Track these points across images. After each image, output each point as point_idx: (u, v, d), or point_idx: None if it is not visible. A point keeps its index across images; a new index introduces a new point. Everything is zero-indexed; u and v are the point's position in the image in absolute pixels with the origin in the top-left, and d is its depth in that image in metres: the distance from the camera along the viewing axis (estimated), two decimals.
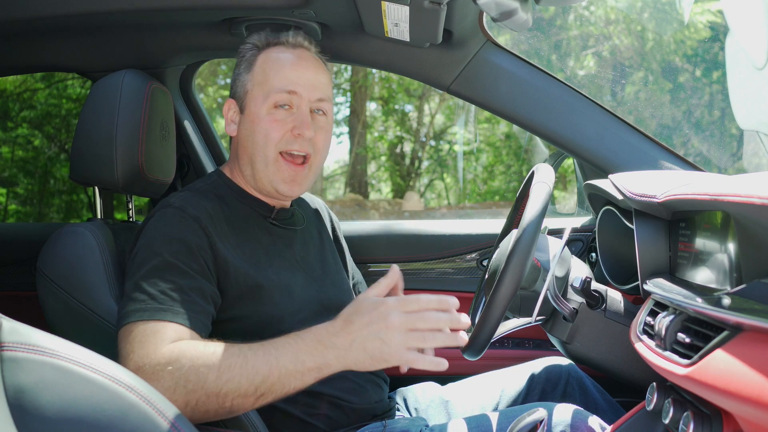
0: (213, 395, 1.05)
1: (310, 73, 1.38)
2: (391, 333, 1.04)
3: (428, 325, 1.04)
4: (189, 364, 1.06)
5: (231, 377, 1.06)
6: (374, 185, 10.55)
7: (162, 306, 1.14)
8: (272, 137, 1.35)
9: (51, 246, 1.36)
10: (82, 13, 1.47)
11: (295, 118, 1.35)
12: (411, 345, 1.04)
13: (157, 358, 1.08)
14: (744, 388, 0.75)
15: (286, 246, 1.41)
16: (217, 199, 1.35)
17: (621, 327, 1.29)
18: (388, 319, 1.04)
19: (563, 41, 6.63)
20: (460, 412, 1.50)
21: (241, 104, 1.40)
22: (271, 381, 1.06)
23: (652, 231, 1.22)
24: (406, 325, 1.04)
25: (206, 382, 1.05)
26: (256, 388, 1.06)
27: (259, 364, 1.07)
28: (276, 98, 1.35)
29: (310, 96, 1.37)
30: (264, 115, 1.35)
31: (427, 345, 1.05)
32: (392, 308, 1.05)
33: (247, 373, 1.06)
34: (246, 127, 1.38)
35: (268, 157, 1.35)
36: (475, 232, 1.97)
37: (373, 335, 1.04)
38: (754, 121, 2.07)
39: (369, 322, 1.05)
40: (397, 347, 1.04)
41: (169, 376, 1.06)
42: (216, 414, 1.08)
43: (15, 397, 0.80)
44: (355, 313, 1.07)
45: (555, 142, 1.72)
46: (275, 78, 1.35)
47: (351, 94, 9.94)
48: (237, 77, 1.42)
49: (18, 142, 7.18)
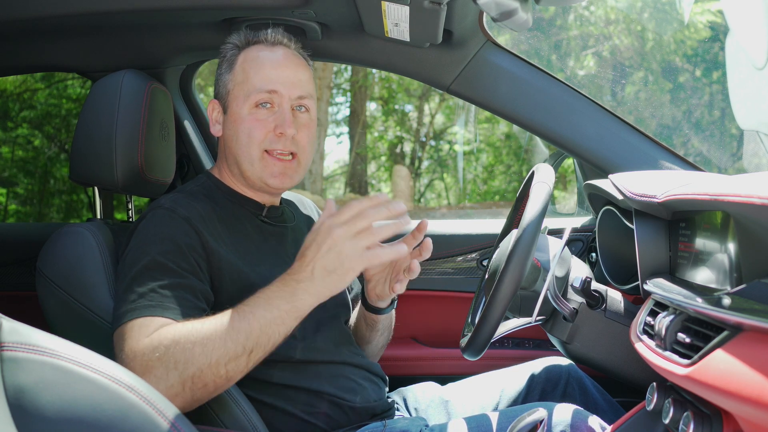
0: (206, 368, 1.06)
1: (290, 71, 1.38)
2: (341, 242, 1.08)
3: (370, 221, 1.09)
4: (173, 345, 1.07)
5: (216, 345, 1.07)
6: (374, 185, 10.54)
7: (151, 303, 1.14)
8: (255, 136, 1.35)
9: (51, 246, 1.36)
10: (82, 13, 1.47)
11: (276, 117, 1.35)
12: (363, 244, 1.08)
13: (142, 347, 1.08)
14: (744, 388, 0.75)
15: (278, 243, 1.41)
16: (207, 199, 1.35)
17: (621, 327, 1.29)
18: (332, 233, 1.08)
19: (563, 41, 6.63)
20: (460, 412, 1.50)
21: (224, 104, 1.40)
22: (255, 335, 1.08)
23: (652, 231, 1.22)
24: (351, 231, 1.08)
25: (194, 356, 1.06)
26: (243, 346, 1.08)
27: (237, 323, 1.08)
28: (257, 98, 1.35)
29: (291, 94, 1.37)
30: (246, 115, 1.35)
31: (378, 238, 1.09)
32: (331, 222, 1.09)
33: (230, 334, 1.07)
34: (230, 127, 1.39)
35: (253, 156, 1.36)
36: (475, 232, 1.97)
37: (326, 253, 1.08)
38: (754, 121, 2.07)
39: (318, 245, 1.09)
40: (353, 252, 1.07)
41: (159, 362, 1.06)
42: (216, 386, 1.09)
43: (15, 397, 0.80)
44: (305, 247, 1.12)
45: (555, 142, 1.72)
46: (255, 77, 1.36)
47: (351, 94, 9.93)
48: (219, 77, 1.42)
49: (18, 142, 7.18)
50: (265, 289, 1.12)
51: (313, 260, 1.09)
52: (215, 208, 1.34)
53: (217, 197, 1.39)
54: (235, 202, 1.40)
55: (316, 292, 1.10)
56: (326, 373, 1.31)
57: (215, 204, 1.35)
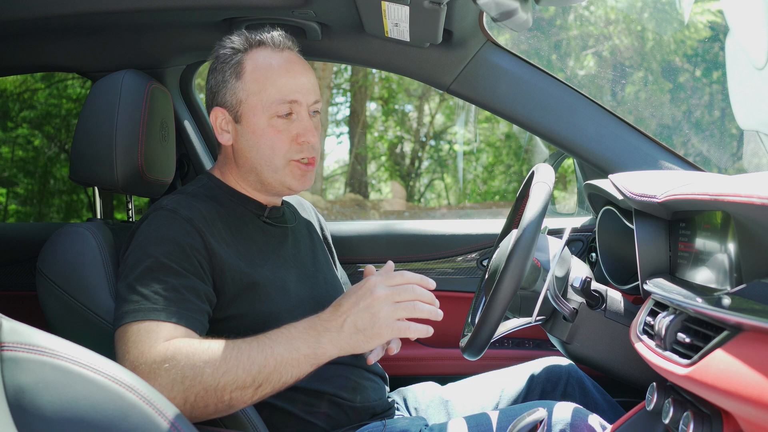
0: (211, 389, 1.06)
1: (304, 77, 1.36)
2: (378, 305, 1.09)
3: (412, 297, 1.10)
4: (185, 360, 1.07)
5: (228, 369, 1.07)
6: (374, 185, 10.54)
7: (155, 306, 1.14)
8: (279, 148, 1.34)
9: (51, 246, 1.36)
10: (82, 13, 1.47)
11: (297, 126, 1.35)
12: (399, 315, 1.09)
13: (153, 356, 1.08)
14: (744, 388, 0.75)
15: (279, 244, 1.41)
16: (210, 200, 1.35)
17: (621, 327, 1.29)
18: (374, 293, 1.10)
19: (563, 41, 6.63)
20: (460, 412, 1.50)
21: (235, 114, 1.36)
22: (268, 371, 1.08)
23: (652, 231, 1.22)
24: (393, 298, 1.10)
25: (203, 376, 1.06)
26: (253, 378, 1.07)
27: (254, 354, 1.08)
28: (278, 109, 1.33)
29: (308, 101, 1.36)
30: (265, 127, 1.33)
31: (416, 315, 1.10)
32: (377, 283, 1.11)
33: (243, 363, 1.07)
34: (247, 138, 1.35)
35: (277, 166, 1.35)
36: (475, 232, 1.97)
37: (362, 311, 1.09)
38: (754, 121, 2.07)
39: (356, 300, 1.10)
40: (386, 318, 1.08)
41: (166, 373, 1.06)
42: (216, 410, 1.09)
43: (15, 397, 0.80)
44: (343, 297, 1.13)
45: (555, 142, 1.72)
46: (272, 88, 1.33)
47: (351, 94, 9.93)
48: (223, 84, 1.35)
49: (18, 142, 7.18)
50: (290, 327, 1.12)
51: (347, 313, 1.10)
52: (218, 209, 1.34)
53: (220, 198, 1.38)
54: (237, 203, 1.40)
55: (339, 346, 1.10)
56: (326, 372, 1.31)
57: (218, 204, 1.35)
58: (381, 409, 1.40)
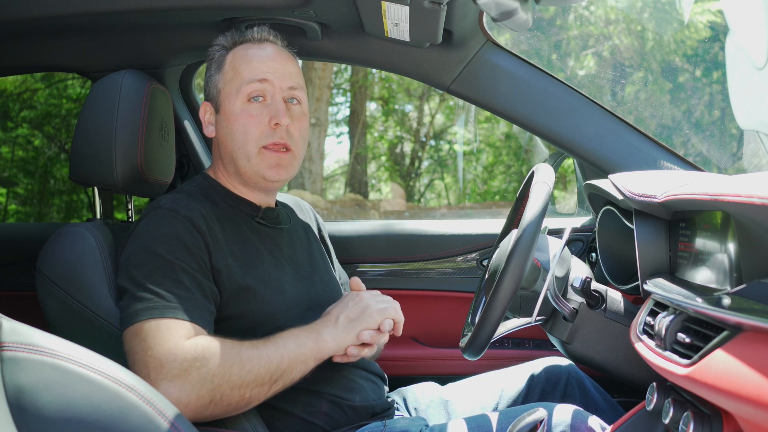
0: (236, 387, 1.13)
1: (279, 63, 1.39)
2: (366, 300, 1.32)
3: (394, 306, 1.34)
4: (214, 359, 1.11)
5: (252, 368, 1.14)
6: (374, 185, 10.54)
7: (170, 304, 1.15)
8: (251, 133, 1.35)
9: (51, 246, 1.36)
10: (82, 13, 1.47)
11: (270, 110, 1.36)
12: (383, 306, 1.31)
13: (183, 354, 1.10)
14: (744, 388, 0.75)
15: (274, 245, 1.41)
16: (206, 200, 1.35)
17: (621, 327, 1.29)
18: (360, 294, 1.33)
19: (563, 41, 6.63)
20: (460, 412, 1.50)
21: (216, 104, 1.41)
22: (282, 368, 1.18)
23: (652, 231, 1.22)
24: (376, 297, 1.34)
25: (231, 375, 1.12)
26: (271, 375, 1.16)
27: (271, 352, 1.17)
28: (248, 89, 1.35)
29: (282, 84, 1.37)
30: (239, 111, 1.35)
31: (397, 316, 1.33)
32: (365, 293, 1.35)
33: (264, 362, 1.16)
34: (223, 125, 1.38)
35: (250, 153, 1.36)
36: (475, 232, 1.97)
37: (352, 307, 1.30)
38: (754, 121, 2.07)
39: (345, 303, 1.32)
40: (375, 307, 1.30)
41: (197, 372, 1.09)
42: (236, 407, 1.15)
43: (15, 397, 0.80)
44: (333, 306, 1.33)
45: (555, 142, 1.72)
46: (245, 70, 1.36)
47: (351, 94, 9.93)
48: (209, 79, 1.43)
49: (18, 142, 7.18)
50: (293, 329, 1.24)
51: (340, 311, 1.29)
52: (214, 209, 1.34)
53: (214, 198, 1.39)
54: (231, 203, 1.40)
55: (338, 338, 1.25)
56: (326, 372, 1.31)
57: (213, 204, 1.35)
58: (380, 408, 1.40)
